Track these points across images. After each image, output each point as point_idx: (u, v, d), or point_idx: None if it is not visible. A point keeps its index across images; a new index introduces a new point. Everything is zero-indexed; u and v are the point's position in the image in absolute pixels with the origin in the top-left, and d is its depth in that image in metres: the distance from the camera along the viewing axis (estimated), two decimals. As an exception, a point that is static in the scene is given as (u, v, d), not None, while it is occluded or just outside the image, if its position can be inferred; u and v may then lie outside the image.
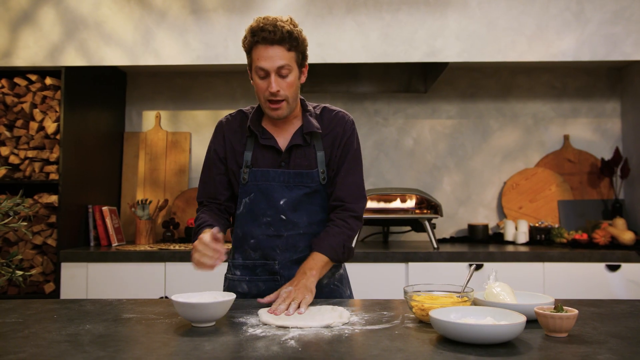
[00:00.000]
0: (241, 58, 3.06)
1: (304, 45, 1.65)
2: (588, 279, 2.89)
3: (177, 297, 1.33)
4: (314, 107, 1.78)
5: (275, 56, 1.58)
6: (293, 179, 1.68)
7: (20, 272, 1.57)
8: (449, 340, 1.15)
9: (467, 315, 1.25)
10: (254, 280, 1.72)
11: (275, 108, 1.63)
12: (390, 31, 3.04)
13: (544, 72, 3.67)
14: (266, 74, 1.59)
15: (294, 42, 1.60)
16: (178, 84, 3.73)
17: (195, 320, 1.30)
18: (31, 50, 3.06)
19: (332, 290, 1.76)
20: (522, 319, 1.16)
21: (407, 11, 3.04)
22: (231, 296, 1.36)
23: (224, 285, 1.81)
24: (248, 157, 1.70)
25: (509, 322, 1.15)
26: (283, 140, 1.71)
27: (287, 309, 1.40)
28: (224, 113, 3.71)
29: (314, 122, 1.72)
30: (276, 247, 1.70)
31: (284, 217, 1.69)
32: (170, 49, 3.06)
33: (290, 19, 1.63)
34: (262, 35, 1.57)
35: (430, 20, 3.03)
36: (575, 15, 3.01)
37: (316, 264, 1.61)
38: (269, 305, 1.50)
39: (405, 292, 1.41)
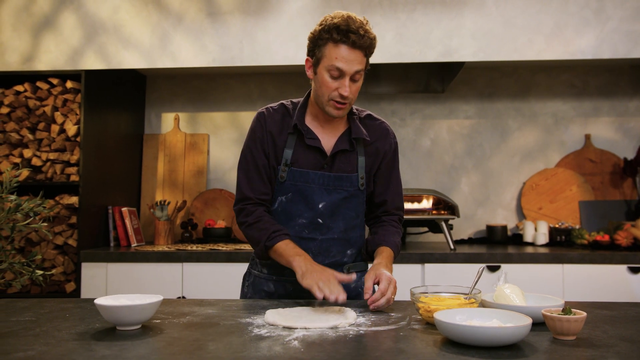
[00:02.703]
0: (257, 60, 3.10)
1: None
2: (609, 282, 2.82)
3: (100, 300, 1.30)
4: (358, 111, 1.75)
5: (355, 60, 1.55)
6: (333, 182, 1.66)
7: (40, 272, 1.61)
8: (454, 342, 1.14)
9: (473, 317, 1.24)
10: (282, 280, 1.70)
11: (340, 108, 1.60)
12: (406, 31, 3.02)
13: (563, 70, 3.61)
14: (340, 75, 1.56)
15: (372, 49, 1.59)
16: (196, 86, 3.77)
17: (117, 324, 1.28)
18: (52, 55, 3.13)
19: (359, 293, 1.75)
20: (528, 321, 1.14)
21: (422, 11, 3.02)
22: (157, 299, 1.32)
23: (247, 280, 1.79)
24: (288, 155, 1.65)
25: (514, 324, 1.14)
26: (327, 141, 1.68)
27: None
28: (241, 114, 3.77)
29: (362, 128, 1.70)
30: (309, 250, 1.65)
31: (320, 220, 1.67)
32: (187, 52, 3.10)
33: (367, 22, 1.58)
34: (351, 37, 1.52)
35: (446, 20, 3.01)
36: (595, 12, 2.95)
37: (390, 262, 1.65)
38: (276, 306, 1.51)
39: (412, 294, 1.40)
